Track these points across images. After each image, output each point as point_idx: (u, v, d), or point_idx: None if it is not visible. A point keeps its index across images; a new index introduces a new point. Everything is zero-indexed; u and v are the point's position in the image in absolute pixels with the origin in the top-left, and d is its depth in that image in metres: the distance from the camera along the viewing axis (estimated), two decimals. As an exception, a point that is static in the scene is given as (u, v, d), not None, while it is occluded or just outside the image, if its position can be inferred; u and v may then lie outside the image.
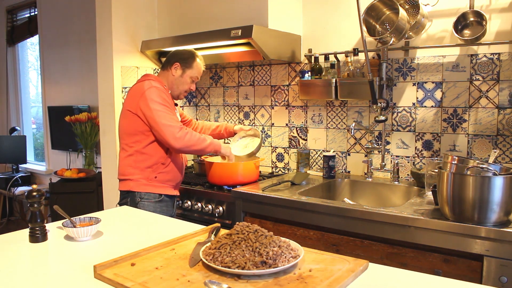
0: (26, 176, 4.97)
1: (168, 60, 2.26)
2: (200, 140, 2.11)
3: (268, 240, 1.16)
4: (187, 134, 2.06)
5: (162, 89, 2.12)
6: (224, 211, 2.34)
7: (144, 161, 2.12)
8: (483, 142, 2.17)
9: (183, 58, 2.22)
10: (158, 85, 2.12)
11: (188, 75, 2.23)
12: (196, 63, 2.24)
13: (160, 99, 2.06)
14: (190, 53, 2.25)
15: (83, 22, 4.22)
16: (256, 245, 1.13)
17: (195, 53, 2.27)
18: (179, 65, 2.22)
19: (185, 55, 2.23)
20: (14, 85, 5.54)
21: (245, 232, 1.19)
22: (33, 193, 1.38)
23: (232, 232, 1.21)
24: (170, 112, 2.08)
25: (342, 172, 2.65)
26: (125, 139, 2.16)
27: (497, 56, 2.10)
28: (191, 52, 2.26)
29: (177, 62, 2.22)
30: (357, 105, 2.56)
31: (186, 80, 2.23)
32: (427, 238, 1.65)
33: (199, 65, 2.26)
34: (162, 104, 2.06)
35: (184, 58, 2.22)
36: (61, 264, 1.23)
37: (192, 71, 2.24)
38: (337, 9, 2.58)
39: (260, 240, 1.16)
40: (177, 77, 2.22)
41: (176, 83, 2.23)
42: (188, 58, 2.23)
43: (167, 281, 1.06)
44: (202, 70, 2.29)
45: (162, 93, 2.10)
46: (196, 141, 2.09)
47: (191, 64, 2.23)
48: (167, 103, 2.09)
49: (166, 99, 2.10)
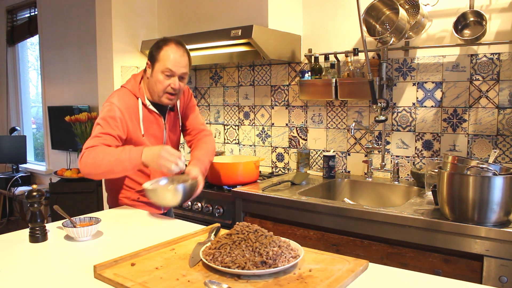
0: (26, 176, 4.97)
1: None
2: (100, 159, 1.60)
3: (268, 240, 1.16)
4: (92, 151, 1.62)
5: (119, 106, 1.74)
6: (224, 211, 2.34)
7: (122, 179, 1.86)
8: (483, 142, 2.17)
9: (150, 52, 1.81)
10: (117, 102, 1.75)
11: (157, 70, 1.76)
12: (163, 52, 1.75)
13: (105, 113, 1.72)
14: (157, 43, 1.80)
15: (83, 22, 4.22)
16: (256, 245, 1.13)
17: (164, 42, 1.79)
18: (149, 62, 1.81)
19: (152, 48, 1.81)
20: (14, 85, 5.54)
21: (245, 232, 1.19)
22: (33, 193, 1.38)
23: (232, 232, 1.21)
24: (103, 125, 1.69)
25: (342, 172, 2.65)
26: None
27: (497, 56, 2.10)
28: (158, 41, 1.81)
29: (148, 59, 1.83)
30: (357, 105, 2.56)
31: (157, 78, 1.76)
32: (427, 238, 1.65)
33: (167, 53, 1.75)
34: (102, 117, 1.71)
35: (151, 52, 1.80)
36: (61, 264, 1.23)
37: (159, 64, 1.76)
38: (337, 9, 2.58)
39: (260, 240, 1.16)
40: (150, 79, 1.80)
41: (151, 85, 1.80)
42: (154, 50, 1.79)
43: (167, 281, 1.06)
44: (176, 59, 1.76)
45: (115, 108, 1.73)
46: (95, 159, 1.60)
47: (157, 56, 1.76)
48: (111, 115, 1.71)
49: (115, 114, 1.71)
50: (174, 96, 1.81)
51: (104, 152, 1.62)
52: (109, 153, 1.61)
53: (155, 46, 1.79)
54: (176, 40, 1.80)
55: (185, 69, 1.79)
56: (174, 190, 1.60)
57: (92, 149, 1.63)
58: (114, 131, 1.70)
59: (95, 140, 1.66)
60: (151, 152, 1.59)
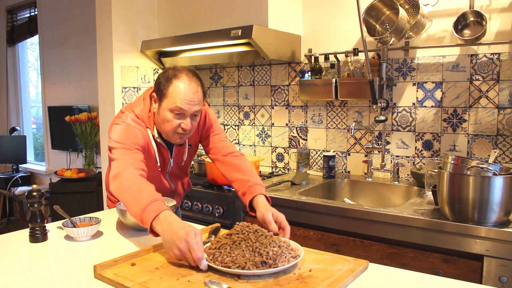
0: (26, 176, 4.97)
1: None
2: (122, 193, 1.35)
3: (268, 240, 1.16)
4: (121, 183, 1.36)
5: (131, 127, 1.54)
6: (224, 211, 2.34)
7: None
8: (483, 142, 2.17)
9: (157, 84, 1.54)
10: (130, 121, 1.55)
11: (165, 107, 1.51)
12: (172, 88, 1.49)
13: (119, 138, 1.50)
14: (166, 74, 1.53)
15: (83, 22, 4.22)
16: (256, 245, 1.13)
17: (175, 73, 1.51)
18: (155, 95, 1.55)
19: (160, 78, 1.53)
20: (14, 85, 5.54)
21: (245, 232, 1.19)
22: (33, 193, 1.38)
23: (232, 232, 1.21)
24: (126, 150, 1.47)
25: (342, 172, 2.65)
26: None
27: (497, 56, 2.10)
28: (169, 73, 1.52)
29: (154, 91, 1.56)
30: (357, 105, 2.56)
31: (165, 116, 1.51)
32: (427, 238, 1.65)
33: (177, 88, 1.48)
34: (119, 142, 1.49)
35: (158, 84, 1.54)
36: (61, 264, 1.23)
37: (168, 101, 1.50)
38: (337, 9, 2.58)
39: (260, 240, 1.16)
40: (157, 115, 1.56)
41: (157, 121, 1.57)
42: (162, 82, 1.52)
43: (167, 281, 1.06)
44: (188, 96, 1.48)
45: (127, 132, 1.52)
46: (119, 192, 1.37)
47: (165, 91, 1.50)
48: (128, 142, 1.49)
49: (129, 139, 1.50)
50: (186, 135, 1.57)
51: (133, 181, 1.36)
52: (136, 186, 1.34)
53: (164, 77, 1.52)
54: (188, 71, 1.53)
55: (198, 106, 1.52)
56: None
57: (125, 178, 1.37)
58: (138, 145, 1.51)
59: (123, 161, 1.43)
60: (171, 227, 1.18)
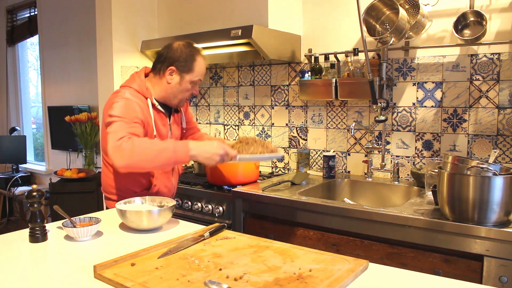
0: (26, 176, 4.97)
1: (160, 60, 1.80)
2: (142, 149, 1.50)
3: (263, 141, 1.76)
4: (129, 142, 1.51)
5: (133, 103, 1.69)
6: (224, 211, 2.34)
7: (126, 183, 1.81)
8: (483, 142, 2.17)
9: (179, 60, 1.76)
10: (130, 96, 1.70)
11: (188, 80, 1.79)
12: (197, 63, 1.79)
13: (121, 113, 1.62)
14: (188, 52, 1.78)
15: (83, 22, 4.22)
16: (261, 143, 1.72)
17: (195, 50, 1.80)
18: (175, 69, 1.77)
19: (182, 55, 1.77)
20: (14, 85, 5.54)
21: (249, 139, 1.72)
22: (33, 193, 1.38)
23: (240, 140, 1.72)
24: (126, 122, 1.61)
25: (342, 172, 2.65)
26: (103, 155, 1.85)
27: (497, 56, 2.10)
28: (189, 49, 1.79)
29: (172, 65, 1.76)
30: (357, 105, 2.56)
31: (186, 87, 1.80)
32: (427, 238, 1.65)
33: (201, 64, 1.81)
34: (121, 116, 1.62)
35: (181, 61, 1.77)
36: (61, 264, 1.23)
37: (192, 74, 1.79)
38: (337, 9, 2.58)
39: (259, 142, 1.73)
40: (174, 85, 1.78)
41: (173, 92, 1.80)
42: (187, 60, 1.77)
43: (167, 281, 1.06)
44: (205, 68, 1.86)
45: (129, 108, 1.66)
46: (136, 149, 1.49)
47: (190, 67, 1.78)
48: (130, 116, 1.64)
49: (130, 114, 1.65)
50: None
51: (144, 141, 1.54)
52: (151, 143, 1.55)
53: (188, 54, 1.77)
54: (196, 46, 1.83)
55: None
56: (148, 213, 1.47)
57: (128, 139, 1.52)
58: (138, 119, 1.66)
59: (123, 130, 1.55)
60: (204, 147, 1.58)
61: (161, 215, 1.50)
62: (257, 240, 1.36)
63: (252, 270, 1.12)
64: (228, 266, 1.15)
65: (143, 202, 1.64)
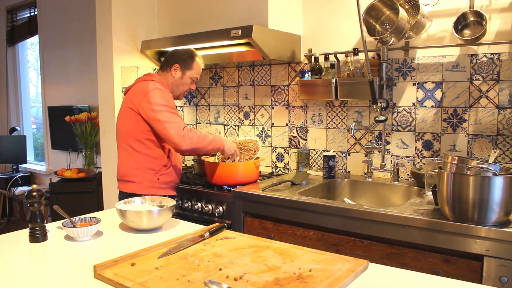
0: (26, 176, 4.97)
1: (167, 60, 2.25)
2: (201, 138, 2.07)
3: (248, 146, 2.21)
4: (191, 132, 2.04)
5: (165, 92, 2.13)
6: (224, 211, 2.34)
7: (146, 162, 2.11)
8: (483, 142, 2.17)
9: (182, 59, 2.22)
10: (161, 87, 2.12)
11: (188, 76, 2.23)
12: (195, 63, 2.24)
13: (164, 101, 2.06)
14: (189, 53, 2.24)
15: (83, 22, 4.22)
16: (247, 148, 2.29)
17: (194, 53, 2.26)
18: (179, 66, 2.21)
19: (184, 56, 2.23)
20: (14, 85, 5.54)
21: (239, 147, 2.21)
22: (33, 193, 1.38)
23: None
24: (174, 113, 2.07)
25: (342, 172, 2.65)
26: (126, 138, 2.12)
27: (497, 56, 2.10)
28: (190, 52, 2.26)
29: (177, 63, 2.21)
30: (357, 105, 2.56)
31: (186, 81, 2.24)
32: (427, 238, 1.65)
33: (198, 64, 2.26)
34: (166, 105, 2.05)
35: (184, 59, 2.22)
36: (61, 264, 1.23)
37: (192, 71, 2.24)
38: (337, 9, 2.58)
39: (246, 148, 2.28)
40: (177, 79, 2.22)
41: (176, 84, 2.24)
42: (187, 58, 2.22)
43: (167, 281, 1.06)
44: (201, 69, 2.29)
45: (166, 95, 2.10)
46: (198, 138, 2.05)
47: (190, 65, 2.23)
48: (171, 105, 2.09)
49: (170, 102, 2.10)
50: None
51: (199, 132, 2.08)
52: (204, 133, 2.10)
53: (188, 54, 2.23)
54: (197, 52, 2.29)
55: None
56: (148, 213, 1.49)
57: (190, 130, 2.04)
58: (175, 107, 2.14)
59: (181, 122, 2.05)
60: (229, 142, 2.25)
61: (161, 215, 1.51)
62: (257, 240, 1.36)
63: (252, 270, 1.12)
64: (228, 266, 1.15)
65: (143, 202, 1.65)
